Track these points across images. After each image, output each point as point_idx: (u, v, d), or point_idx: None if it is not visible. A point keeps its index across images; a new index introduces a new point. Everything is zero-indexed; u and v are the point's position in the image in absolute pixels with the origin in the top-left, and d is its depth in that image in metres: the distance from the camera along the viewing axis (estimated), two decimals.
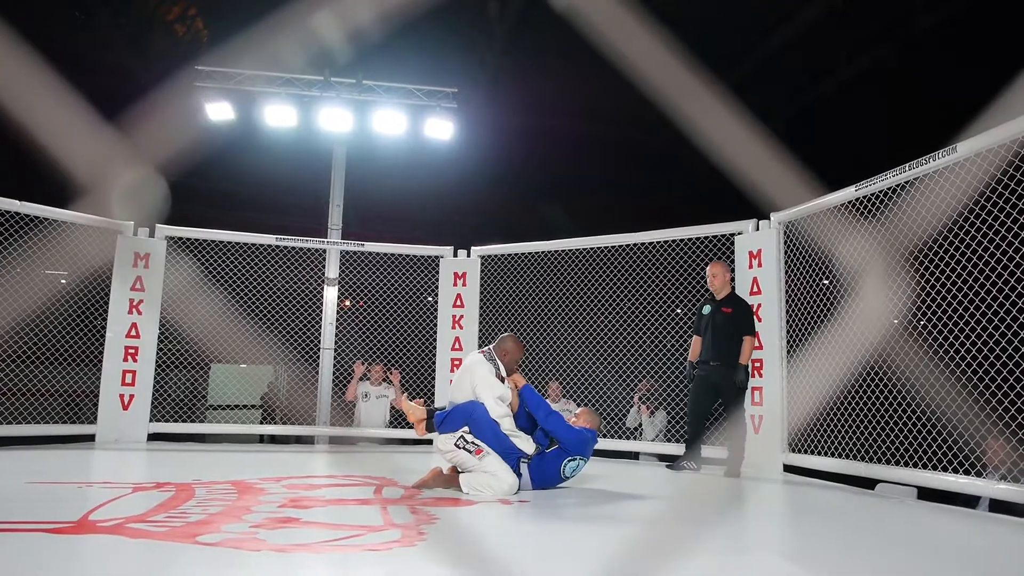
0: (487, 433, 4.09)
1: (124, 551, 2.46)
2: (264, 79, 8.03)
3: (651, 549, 2.79)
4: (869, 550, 2.96)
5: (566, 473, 4.20)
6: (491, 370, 4.33)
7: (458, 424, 4.11)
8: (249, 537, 2.66)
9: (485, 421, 4.11)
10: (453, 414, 4.17)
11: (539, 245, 7.15)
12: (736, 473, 5.23)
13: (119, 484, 3.95)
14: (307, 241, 7.48)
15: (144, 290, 6.68)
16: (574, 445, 4.21)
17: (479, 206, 15.05)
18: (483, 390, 4.23)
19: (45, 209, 6.15)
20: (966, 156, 4.14)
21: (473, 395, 4.25)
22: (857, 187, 5.00)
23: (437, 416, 4.24)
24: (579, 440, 4.24)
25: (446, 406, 4.35)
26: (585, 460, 4.28)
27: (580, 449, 4.22)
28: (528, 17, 9.99)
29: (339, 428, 7.28)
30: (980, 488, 4.13)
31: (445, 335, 7.27)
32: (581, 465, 4.26)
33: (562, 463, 4.18)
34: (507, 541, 3.02)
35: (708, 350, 5.43)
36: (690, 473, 5.35)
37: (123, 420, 6.49)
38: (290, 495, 3.73)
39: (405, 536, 2.76)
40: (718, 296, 5.52)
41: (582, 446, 4.24)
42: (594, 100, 12.49)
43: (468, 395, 4.26)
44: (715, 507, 4.19)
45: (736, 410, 5.32)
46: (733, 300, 5.50)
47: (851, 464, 4.90)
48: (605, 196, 14.97)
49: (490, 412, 4.16)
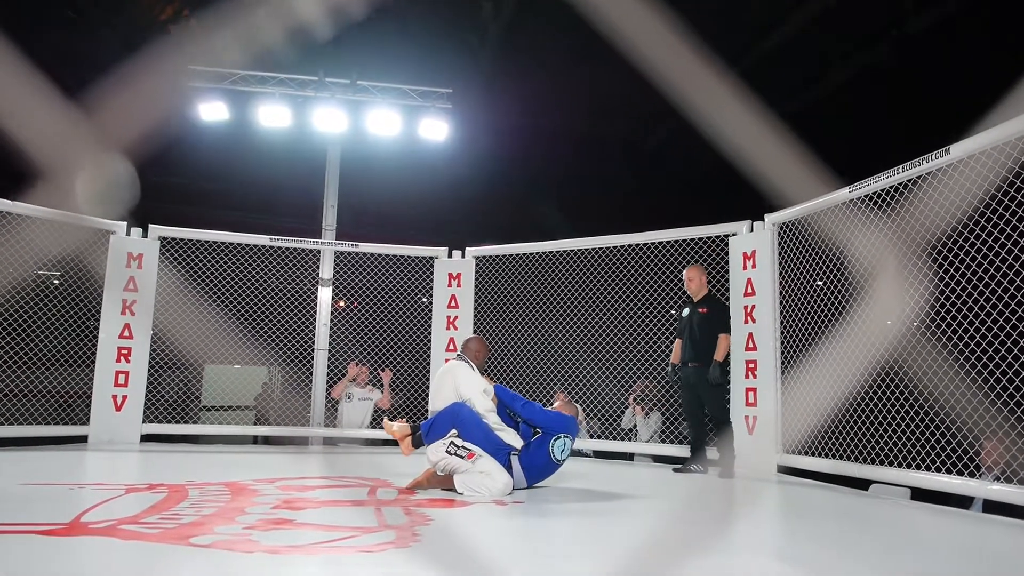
0: (476, 432, 4.09)
1: (116, 553, 2.44)
2: (258, 79, 8.02)
3: (644, 549, 2.79)
4: (862, 550, 2.96)
5: (556, 454, 4.19)
6: (469, 369, 4.40)
7: (445, 429, 4.10)
8: (242, 539, 2.64)
9: (472, 420, 4.12)
10: (439, 420, 4.15)
11: (534, 246, 7.15)
12: (730, 473, 5.25)
13: (112, 485, 3.93)
14: (301, 241, 7.47)
15: (137, 291, 6.65)
16: (556, 424, 4.22)
17: (474, 207, 15.04)
18: (467, 387, 4.27)
19: (36, 208, 6.11)
20: (959, 158, 4.16)
21: (456, 396, 4.26)
22: (851, 188, 5.01)
23: (422, 427, 4.22)
24: (559, 419, 4.27)
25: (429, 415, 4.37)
26: (571, 438, 4.28)
27: (563, 427, 4.23)
28: (522, 17, 9.97)
29: (333, 430, 7.27)
30: (973, 489, 4.14)
31: (439, 336, 7.26)
32: (569, 444, 4.26)
33: (549, 445, 4.18)
34: (501, 542, 3.01)
35: (687, 351, 5.54)
36: (697, 475, 5.37)
37: (116, 421, 6.46)
38: (284, 496, 3.72)
39: (399, 538, 2.75)
40: (696, 298, 5.64)
41: (564, 424, 4.26)
42: (589, 100, 12.50)
43: (450, 398, 4.27)
44: (708, 507, 4.19)
45: (717, 409, 5.36)
46: (710, 300, 5.62)
47: (845, 465, 4.91)
48: (600, 197, 14.97)
49: (477, 404, 4.20)
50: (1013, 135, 3.84)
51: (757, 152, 3.99)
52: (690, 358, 5.50)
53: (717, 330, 5.43)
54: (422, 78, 8.40)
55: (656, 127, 13.39)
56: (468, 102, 10.00)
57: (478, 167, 13.53)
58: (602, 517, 3.61)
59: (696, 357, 5.46)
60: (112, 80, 4.16)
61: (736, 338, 5.90)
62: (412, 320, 7.50)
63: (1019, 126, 3.80)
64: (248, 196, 14.53)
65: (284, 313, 7.48)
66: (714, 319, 5.48)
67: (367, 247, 7.51)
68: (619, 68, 4.96)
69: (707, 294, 5.67)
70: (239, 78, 7.95)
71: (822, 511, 4.10)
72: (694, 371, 5.46)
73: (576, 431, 4.40)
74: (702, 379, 5.39)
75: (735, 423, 5.78)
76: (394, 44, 8.33)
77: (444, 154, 9.74)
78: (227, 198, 14.41)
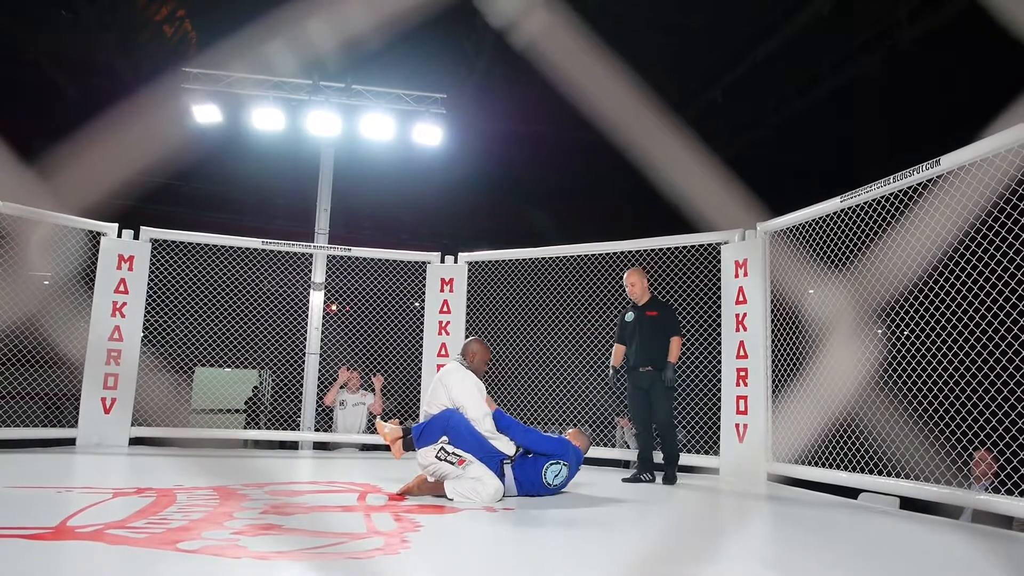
0: (467, 439, 4.07)
1: (102, 558, 2.43)
2: (252, 82, 8.00)
3: (633, 557, 2.79)
4: (851, 559, 2.97)
5: (548, 479, 4.18)
6: (464, 373, 4.37)
7: (437, 435, 4.09)
8: (230, 544, 2.63)
9: (464, 427, 4.09)
10: (431, 426, 4.14)
11: (526, 252, 7.15)
12: (673, 478, 5.19)
13: (99, 489, 3.91)
14: (293, 245, 7.45)
15: (128, 293, 6.61)
16: (552, 448, 4.21)
17: (467, 212, 15.06)
18: (460, 393, 4.24)
19: (26, 210, 6.08)
20: (948, 169, 4.19)
21: (449, 402, 4.24)
22: (843, 198, 5.04)
23: (414, 431, 4.20)
24: (557, 443, 4.25)
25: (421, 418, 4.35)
26: (567, 464, 4.25)
27: (559, 451, 4.22)
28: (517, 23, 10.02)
29: (324, 434, 7.24)
30: (962, 498, 4.16)
31: (431, 341, 7.26)
32: (564, 471, 4.25)
33: (543, 468, 4.17)
34: (491, 549, 3.01)
35: (637, 356, 5.39)
36: (647, 484, 5.21)
37: (105, 424, 6.42)
38: (273, 501, 3.70)
39: (388, 544, 2.75)
40: (640, 302, 5.53)
41: (561, 449, 4.24)
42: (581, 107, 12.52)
43: (444, 404, 4.24)
44: (698, 515, 4.19)
45: (665, 413, 5.27)
46: (657, 304, 5.54)
47: (834, 473, 4.93)
48: (593, 203, 15.01)
49: (473, 409, 4.16)
50: (1003, 146, 3.87)
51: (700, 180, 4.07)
52: (641, 363, 5.35)
53: (670, 333, 5.32)
54: (416, 83, 8.41)
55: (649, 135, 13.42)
56: (462, 108, 10.03)
57: (471, 173, 13.55)
58: (594, 525, 3.61)
59: (648, 361, 5.32)
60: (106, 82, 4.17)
61: (727, 346, 5.92)
62: (404, 325, 7.49)
63: (1009, 138, 3.84)
64: (241, 199, 14.51)
65: (276, 316, 7.45)
66: (665, 322, 5.38)
67: (359, 251, 7.50)
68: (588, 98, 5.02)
69: (651, 298, 5.58)
70: (233, 81, 7.93)
71: (811, 519, 4.11)
72: (646, 376, 5.32)
73: (577, 460, 4.35)
74: (656, 383, 5.28)
75: (726, 431, 5.79)
76: (389, 49, 8.33)
77: (438, 159, 9.74)
78: (220, 201, 14.39)
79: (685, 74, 11.30)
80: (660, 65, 10.42)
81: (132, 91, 7.25)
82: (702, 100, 11.58)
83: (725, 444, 5.82)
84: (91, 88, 10.93)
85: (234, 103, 8.05)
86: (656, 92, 5.06)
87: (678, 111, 11.48)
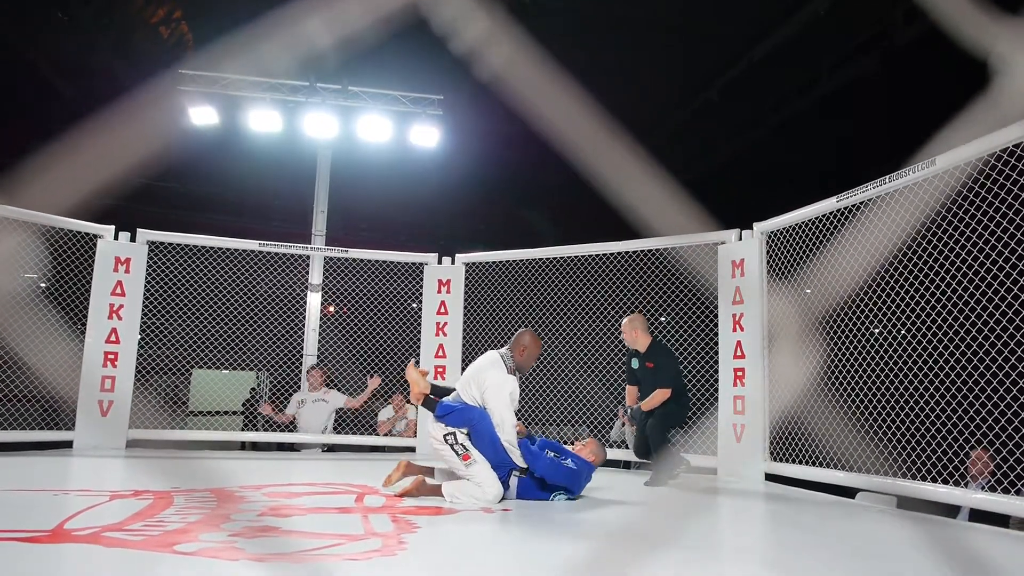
0: (486, 443, 4.03)
1: (100, 560, 2.42)
2: (249, 84, 7.99)
3: (630, 557, 2.79)
4: (848, 558, 2.98)
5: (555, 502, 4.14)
6: (503, 379, 4.16)
7: (458, 425, 4.06)
8: (228, 546, 2.63)
9: (488, 434, 4.04)
10: (457, 415, 4.09)
11: (524, 253, 7.15)
12: (659, 482, 5.14)
13: (96, 492, 3.90)
14: (290, 247, 7.45)
15: (124, 295, 6.60)
16: (567, 483, 4.16)
17: (464, 213, 15.06)
18: (493, 399, 4.09)
19: (22, 212, 6.06)
20: (944, 168, 4.21)
21: (479, 400, 4.14)
22: (839, 198, 5.05)
23: (441, 407, 4.13)
24: (573, 478, 4.17)
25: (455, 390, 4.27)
26: (573, 495, 4.20)
27: (569, 484, 4.16)
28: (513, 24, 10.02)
29: (325, 435, 7.21)
30: (959, 498, 4.17)
31: (429, 342, 7.25)
32: (565, 497, 4.18)
33: (551, 496, 4.12)
34: (489, 551, 3.01)
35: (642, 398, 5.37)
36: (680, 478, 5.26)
37: (102, 426, 6.40)
38: (270, 503, 3.70)
39: (386, 545, 2.74)
40: (641, 350, 5.40)
41: (570, 481, 4.17)
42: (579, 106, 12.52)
43: (473, 399, 4.15)
44: (695, 515, 4.19)
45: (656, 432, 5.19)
46: (655, 352, 5.37)
47: (832, 473, 4.93)
48: (589, 204, 15.00)
49: (499, 416, 4.04)
50: (997, 147, 3.89)
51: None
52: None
53: (657, 384, 5.22)
54: (413, 84, 8.41)
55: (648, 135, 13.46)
56: (459, 109, 10.02)
57: (469, 174, 13.55)
58: (591, 525, 3.61)
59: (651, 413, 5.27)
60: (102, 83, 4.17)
61: (724, 346, 5.92)
62: (401, 326, 7.48)
63: (1003, 138, 3.85)
64: (238, 201, 14.50)
65: (273, 318, 7.45)
66: (658, 374, 5.26)
67: (357, 253, 7.50)
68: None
69: (652, 344, 5.39)
70: (229, 82, 7.93)
71: (808, 519, 4.11)
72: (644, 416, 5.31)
73: (580, 488, 4.27)
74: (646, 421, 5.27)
75: (723, 431, 5.78)
76: (386, 51, 8.34)
77: (435, 161, 9.74)
78: (217, 202, 14.38)
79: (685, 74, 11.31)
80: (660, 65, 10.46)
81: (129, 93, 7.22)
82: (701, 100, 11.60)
83: (723, 444, 5.83)
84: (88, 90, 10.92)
85: (231, 104, 8.05)
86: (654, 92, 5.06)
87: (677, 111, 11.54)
